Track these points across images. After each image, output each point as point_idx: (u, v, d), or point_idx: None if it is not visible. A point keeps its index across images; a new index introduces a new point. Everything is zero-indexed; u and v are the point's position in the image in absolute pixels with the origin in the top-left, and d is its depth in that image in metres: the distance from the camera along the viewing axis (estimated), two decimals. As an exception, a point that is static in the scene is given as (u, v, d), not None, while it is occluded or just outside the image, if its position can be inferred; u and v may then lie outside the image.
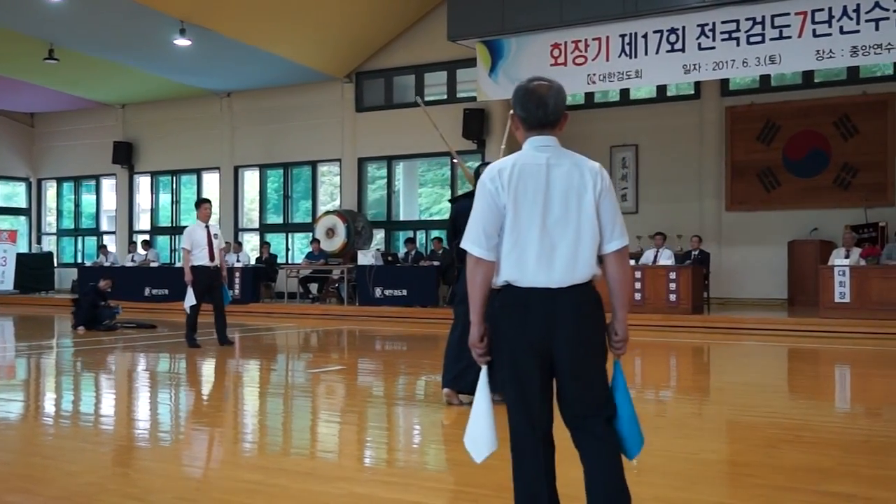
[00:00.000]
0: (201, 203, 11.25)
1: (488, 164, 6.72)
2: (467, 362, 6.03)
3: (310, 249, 19.51)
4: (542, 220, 3.05)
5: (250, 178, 22.89)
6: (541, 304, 3.03)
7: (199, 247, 10.86)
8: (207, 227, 10.98)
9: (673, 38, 14.54)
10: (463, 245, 3.11)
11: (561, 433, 3.16)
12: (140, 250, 21.73)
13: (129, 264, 20.94)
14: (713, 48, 14.21)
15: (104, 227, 25.58)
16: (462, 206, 6.78)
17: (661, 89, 18.63)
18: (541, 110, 3.12)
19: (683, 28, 14.42)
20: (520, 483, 3.12)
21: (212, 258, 10.91)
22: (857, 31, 13.11)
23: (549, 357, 3.06)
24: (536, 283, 3.04)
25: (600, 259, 3.15)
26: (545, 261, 3.04)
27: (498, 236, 3.08)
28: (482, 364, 3.16)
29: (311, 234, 20.30)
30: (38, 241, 26.31)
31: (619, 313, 3.16)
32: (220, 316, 11.16)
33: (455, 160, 7.33)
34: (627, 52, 14.91)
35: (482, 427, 3.12)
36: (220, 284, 11.05)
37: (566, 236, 3.06)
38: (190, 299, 10.92)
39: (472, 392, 3.98)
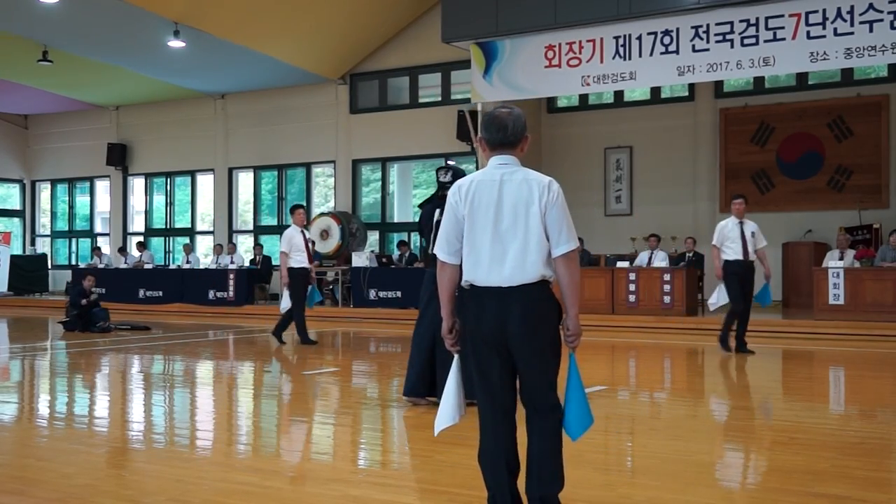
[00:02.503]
0: (296, 208, 11.66)
1: (450, 168, 7.04)
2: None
3: (304, 251, 19.45)
4: (494, 228, 3.49)
5: (244, 180, 22.86)
6: (494, 300, 3.46)
7: (297, 250, 11.40)
8: (303, 231, 11.49)
9: (667, 39, 14.51)
10: (433, 251, 3.65)
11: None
12: (134, 252, 21.64)
13: (123, 266, 20.88)
14: (707, 50, 14.19)
15: (98, 228, 25.54)
16: (424, 211, 7.10)
17: (656, 91, 18.66)
18: (500, 133, 3.59)
19: (677, 30, 14.39)
20: (481, 450, 3.57)
21: (310, 261, 11.47)
22: (851, 33, 13.10)
23: (505, 347, 3.49)
24: (490, 282, 3.48)
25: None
26: (497, 263, 3.47)
27: (459, 243, 3.54)
28: (454, 353, 3.61)
29: (305, 236, 20.24)
30: (32, 243, 26.24)
31: (570, 310, 3.54)
32: (300, 315, 11.59)
33: None
34: (621, 53, 14.88)
35: (447, 405, 3.60)
36: (311, 285, 11.59)
37: (515, 242, 3.47)
38: (286, 301, 11.44)
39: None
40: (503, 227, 3.48)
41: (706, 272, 16.65)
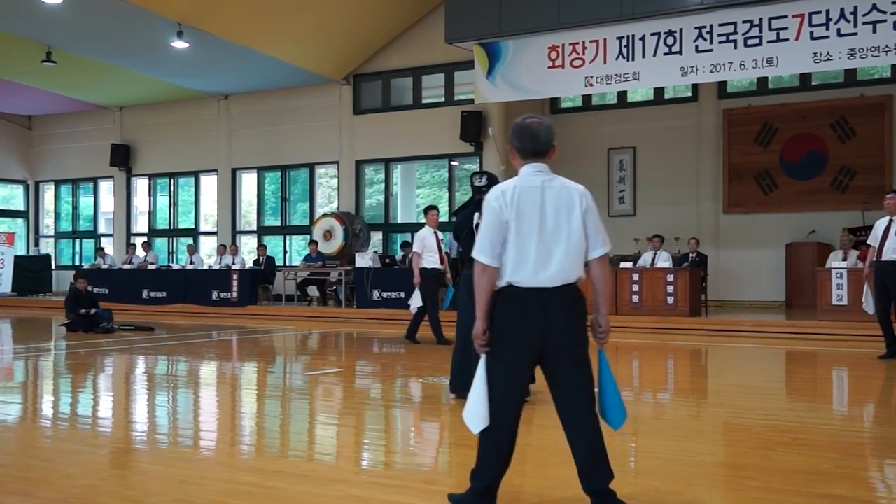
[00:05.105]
0: (430, 209, 11.66)
1: (484, 173, 7.17)
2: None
3: (307, 251, 19.48)
4: (539, 232, 3.68)
5: (248, 181, 22.85)
6: (537, 300, 3.65)
7: (431, 251, 11.48)
8: (436, 232, 11.53)
9: (670, 40, 14.52)
10: (473, 255, 3.71)
11: (554, 434, 3.16)
12: (140, 252, 21.69)
13: (128, 267, 20.89)
14: (710, 50, 14.19)
15: (102, 229, 25.55)
16: (462, 216, 7.12)
17: (659, 92, 18.69)
18: (533, 142, 3.78)
19: (681, 30, 14.40)
20: (485, 446, 3.73)
21: (442, 262, 11.53)
22: (855, 34, 13.10)
23: (540, 345, 3.67)
24: (534, 283, 3.66)
25: (586, 265, 3.79)
26: (542, 265, 3.66)
27: (501, 247, 3.68)
28: (483, 353, 3.72)
29: (308, 237, 20.26)
30: (36, 244, 26.25)
31: (602, 308, 3.82)
32: (434, 315, 11.61)
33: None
34: (625, 54, 14.88)
35: (480, 406, 3.69)
36: (445, 285, 11.67)
37: (559, 244, 3.69)
38: (416, 300, 11.49)
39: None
40: (548, 231, 3.69)
41: (710, 273, 16.70)
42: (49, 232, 26.56)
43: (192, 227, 23.69)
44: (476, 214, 6.73)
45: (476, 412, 3.71)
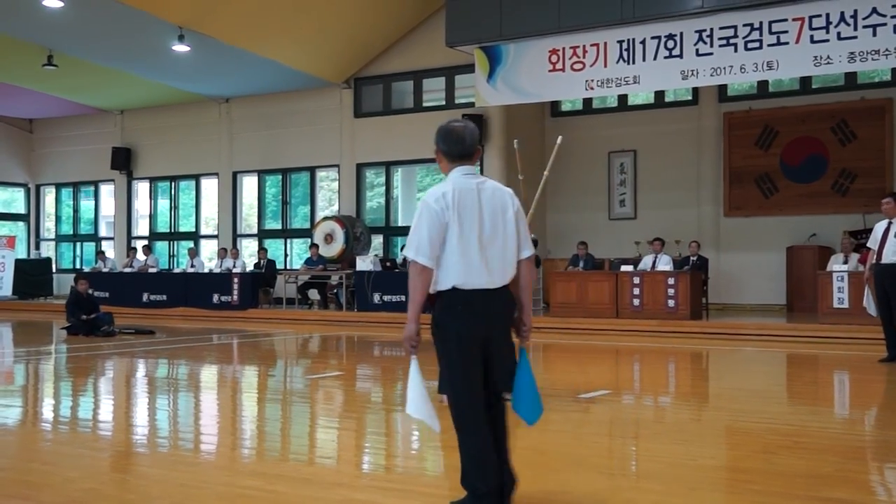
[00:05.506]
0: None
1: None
2: None
3: (308, 255, 19.46)
4: (480, 234, 3.74)
5: (249, 184, 22.83)
6: (483, 301, 3.73)
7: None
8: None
9: (671, 44, 14.51)
10: (409, 255, 3.73)
11: (555, 438, 3.16)
12: (140, 255, 21.67)
13: (128, 270, 20.87)
14: (711, 54, 14.18)
15: (103, 232, 25.56)
16: None
17: (659, 95, 18.67)
18: (459, 145, 3.84)
19: (681, 34, 14.39)
20: (471, 450, 3.74)
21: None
22: (855, 37, 13.11)
23: (484, 345, 3.77)
24: (479, 285, 3.73)
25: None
26: (484, 267, 3.74)
27: (440, 248, 3.71)
28: (413, 354, 3.81)
29: (309, 240, 20.26)
30: (37, 247, 26.22)
31: (527, 308, 3.92)
32: None
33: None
34: (625, 57, 14.88)
35: (427, 402, 3.80)
36: None
37: (496, 246, 3.78)
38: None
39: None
40: (486, 233, 3.76)
41: (711, 276, 16.68)
42: (50, 235, 26.55)
43: (193, 230, 23.67)
44: None
45: (428, 410, 3.79)
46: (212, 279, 19.21)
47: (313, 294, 19.08)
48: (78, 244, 25.94)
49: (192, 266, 20.22)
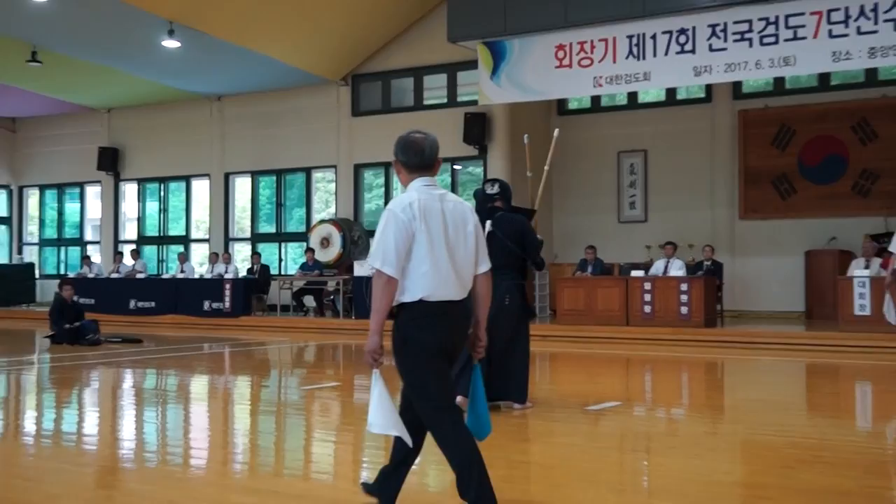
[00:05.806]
0: None
1: (496, 181, 7.28)
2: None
3: (304, 260, 19.20)
4: (445, 246, 3.84)
5: (241, 186, 22.62)
6: (451, 313, 3.85)
7: None
8: None
9: (683, 38, 14.41)
10: (375, 265, 3.76)
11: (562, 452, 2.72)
12: (128, 260, 21.49)
13: (115, 276, 20.71)
14: (725, 49, 14.11)
15: (88, 236, 25.39)
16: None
17: (671, 92, 18.67)
18: (418, 156, 3.95)
19: (693, 28, 14.31)
20: (456, 449, 3.82)
21: None
22: (876, 32, 13.04)
23: (449, 355, 3.90)
24: (446, 296, 3.83)
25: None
26: (451, 278, 3.85)
27: (406, 260, 3.78)
28: (377, 367, 3.81)
29: (304, 244, 20.05)
30: (19, 252, 26.03)
31: (482, 322, 4.04)
32: None
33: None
34: (635, 53, 14.80)
35: (395, 415, 3.84)
36: None
37: (458, 258, 3.89)
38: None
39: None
40: (451, 245, 3.86)
41: (726, 282, 16.43)
42: (33, 239, 26.33)
43: (183, 234, 23.47)
44: (488, 223, 6.77)
45: (392, 420, 3.83)
46: (203, 285, 19.04)
47: (309, 301, 18.81)
48: (62, 248, 25.73)
49: (182, 271, 20.06)
